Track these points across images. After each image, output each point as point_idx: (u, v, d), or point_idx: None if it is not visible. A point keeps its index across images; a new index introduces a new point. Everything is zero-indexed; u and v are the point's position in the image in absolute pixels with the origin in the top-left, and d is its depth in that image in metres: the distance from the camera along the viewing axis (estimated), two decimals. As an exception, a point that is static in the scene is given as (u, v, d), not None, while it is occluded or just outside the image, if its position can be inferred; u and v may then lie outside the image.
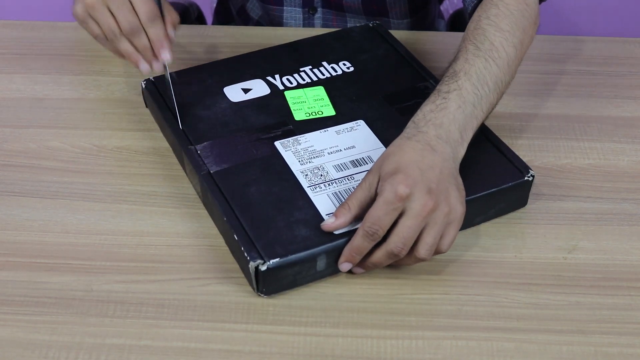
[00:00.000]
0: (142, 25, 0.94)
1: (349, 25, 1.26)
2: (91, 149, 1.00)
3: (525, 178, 0.91)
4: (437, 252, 0.84)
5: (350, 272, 0.86)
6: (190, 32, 1.22)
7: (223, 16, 1.42)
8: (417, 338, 0.81)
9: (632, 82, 1.13)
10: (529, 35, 0.97)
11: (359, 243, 0.82)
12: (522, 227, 0.92)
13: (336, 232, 0.84)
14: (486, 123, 0.94)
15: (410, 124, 0.88)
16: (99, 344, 0.80)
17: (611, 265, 0.88)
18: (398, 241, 0.81)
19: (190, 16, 1.42)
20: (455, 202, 0.82)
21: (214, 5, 1.45)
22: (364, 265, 0.85)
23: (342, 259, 0.84)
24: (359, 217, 0.83)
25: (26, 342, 0.80)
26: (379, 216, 0.80)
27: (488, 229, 0.92)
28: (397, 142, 0.86)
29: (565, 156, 1.01)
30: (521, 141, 1.02)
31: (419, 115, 0.88)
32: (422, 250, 0.82)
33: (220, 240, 0.90)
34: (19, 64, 1.15)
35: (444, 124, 0.86)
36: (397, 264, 0.85)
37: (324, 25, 1.27)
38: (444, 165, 0.83)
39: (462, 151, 0.87)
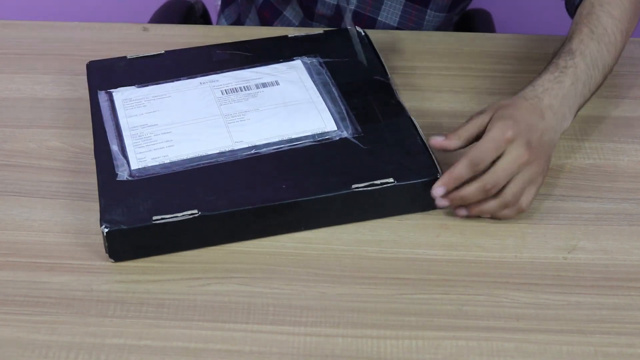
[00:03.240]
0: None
1: (383, 12, 1.25)
2: (91, 149, 1.00)
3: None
4: (519, 209, 0.91)
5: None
6: (191, 32, 1.22)
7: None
8: (417, 338, 0.81)
9: (632, 82, 1.13)
10: (633, 26, 1.07)
11: (459, 169, 0.89)
12: (522, 227, 0.92)
13: None
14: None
15: (529, 86, 0.97)
16: (99, 344, 0.80)
17: (611, 265, 0.88)
18: (492, 177, 0.89)
19: (195, 14, 1.42)
20: (544, 167, 0.92)
21: (218, 4, 1.45)
22: (453, 197, 0.91)
23: (438, 182, 0.90)
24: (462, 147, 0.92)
25: (26, 342, 0.80)
26: (483, 149, 0.89)
27: (488, 229, 0.92)
28: (515, 98, 0.95)
29: (565, 156, 1.01)
30: (521, 141, 1.02)
31: (538, 82, 0.97)
32: (509, 193, 0.89)
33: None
34: (19, 64, 1.15)
35: (558, 96, 0.95)
36: (482, 211, 0.91)
37: (357, 8, 1.24)
38: (546, 133, 0.93)
39: (566, 124, 0.97)
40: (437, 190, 0.90)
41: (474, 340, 0.81)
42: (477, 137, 0.92)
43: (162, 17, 1.41)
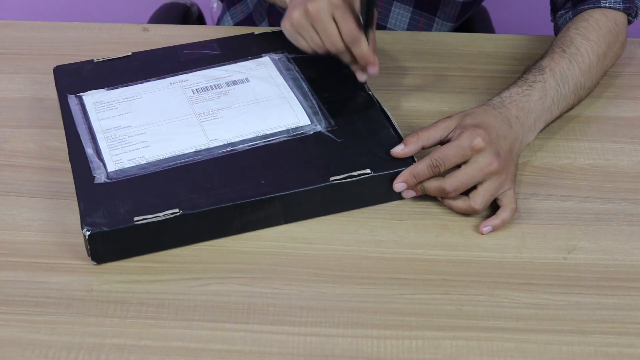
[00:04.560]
0: (345, 45, 0.96)
1: (391, 19, 1.25)
2: (91, 149, 1.01)
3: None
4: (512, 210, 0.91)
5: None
6: (191, 32, 1.22)
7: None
8: (417, 338, 0.81)
9: (632, 82, 1.13)
10: (613, 51, 1.07)
11: (420, 169, 0.91)
12: (522, 227, 0.92)
13: None
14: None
15: (496, 97, 0.98)
16: (99, 344, 0.80)
17: (611, 265, 0.88)
18: (454, 182, 0.90)
19: (191, 16, 1.43)
20: (512, 174, 0.93)
21: (213, 7, 1.45)
22: (415, 188, 0.93)
23: (399, 179, 0.92)
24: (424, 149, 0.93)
25: (26, 342, 0.80)
26: (447, 154, 0.90)
27: (488, 229, 0.92)
28: (483, 106, 0.96)
29: (565, 156, 1.01)
30: (521, 141, 1.02)
31: (505, 93, 0.98)
32: (478, 200, 0.90)
33: (220, 240, 0.90)
34: (19, 64, 1.15)
35: (524, 109, 0.96)
36: (451, 206, 0.92)
37: None
38: (514, 143, 0.94)
39: (531, 137, 0.98)
40: (398, 185, 0.92)
41: (474, 340, 0.81)
42: (441, 141, 0.93)
43: (158, 19, 1.41)
